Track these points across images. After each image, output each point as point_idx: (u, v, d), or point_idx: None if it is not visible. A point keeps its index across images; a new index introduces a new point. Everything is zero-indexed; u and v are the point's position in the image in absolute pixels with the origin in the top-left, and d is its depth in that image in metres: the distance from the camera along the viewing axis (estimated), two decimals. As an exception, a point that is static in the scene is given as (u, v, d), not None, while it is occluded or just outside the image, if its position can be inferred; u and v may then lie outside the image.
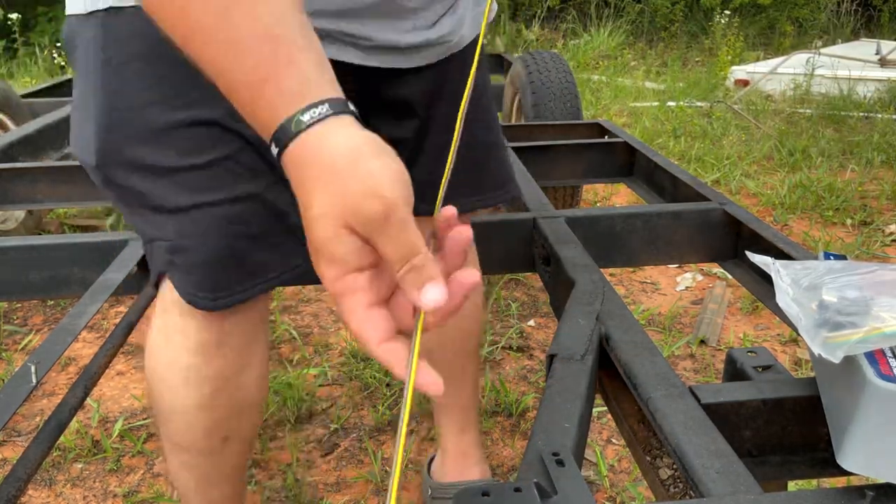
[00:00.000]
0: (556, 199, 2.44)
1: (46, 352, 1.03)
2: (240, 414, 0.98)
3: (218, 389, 0.93)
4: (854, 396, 0.62)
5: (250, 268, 0.85)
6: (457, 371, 1.28)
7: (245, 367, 0.94)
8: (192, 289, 0.85)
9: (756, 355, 0.85)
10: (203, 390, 0.93)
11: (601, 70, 6.24)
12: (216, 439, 0.98)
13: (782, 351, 2.00)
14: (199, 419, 0.95)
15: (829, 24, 7.89)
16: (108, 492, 1.53)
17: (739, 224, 1.32)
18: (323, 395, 1.84)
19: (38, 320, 2.25)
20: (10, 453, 1.64)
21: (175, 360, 0.92)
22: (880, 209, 3.00)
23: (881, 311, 0.64)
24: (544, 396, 0.75)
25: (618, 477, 1.54)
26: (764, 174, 3.48)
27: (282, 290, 2.39)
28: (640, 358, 0.81)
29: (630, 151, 1.89)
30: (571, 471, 0.62)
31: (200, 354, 0.91)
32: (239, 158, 0.81)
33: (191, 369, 0.92)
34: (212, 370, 0.92)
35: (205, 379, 0.92)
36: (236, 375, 0.94)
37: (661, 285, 2.43)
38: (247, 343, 0.93)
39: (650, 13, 7.91)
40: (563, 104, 2.49)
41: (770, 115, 4.49)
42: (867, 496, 0.60)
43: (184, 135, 0.79)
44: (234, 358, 0.92)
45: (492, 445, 1.64)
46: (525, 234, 1.32)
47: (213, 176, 0.81)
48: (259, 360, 0.97)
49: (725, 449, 0.66)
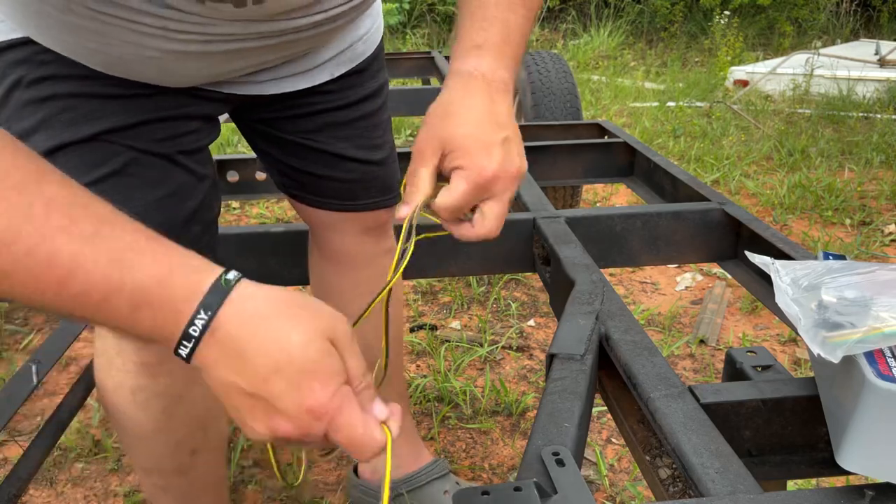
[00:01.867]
0: (556, 199, 2.45)
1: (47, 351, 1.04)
2: (203, 426, 0.96)
3: (171, 407, 0.90)
4: (853, 396, 0.62)
5: None
6: (392, 359, 1.29)
7: (196, 380, 0.91)
8: None
9: (756, 355, 0.85)
10: (155, 410, 0.90)
11: (601, 70, 6.24)
12: (183, 456, 0.96)
13: (782, 351, 2.00)
14: (160, 441, 0.93)
15: (828, 24, 7.89)
16: (109, 491, 1.53)
17: (739, 224, 1.32)
18: (323, 394, 1.84)
19: (40, 320, 2.25)
20: (11, 453, 1.65)
21: (121, 384, 0.90)
22: (879, 209, 3.00)
23: (880, 311, 0.64)
24: (544, 396, 0.75)
25: (617, 476, 1.54)
26: (763, 174, 3.48)
27: (282, 290, 2.39)
28: (639, 358, 0.81)
29: (630, 151, 1.89)
30: (571, 470, 0.62)
31: (144, 374, 0.88)
32: (130, 172, 0.79)
33: (138, 391, 0.89)
34: (160, 387, 0.89)
35: (155, 397, 0.89)
36: (188, 390, 0.91)
37: (660, 285, 2.44)
38: None
39: (650, 13, 7.92)
40: (563, 104, 2.49)
41: (769, 116, 4.49)
42: (867, 496, 0.60)
43: (68, 155, 0.77)
44: (182, 373, 0.89)
45: (492, 445, 1.64)
46: (525, 234, 1.32)
47: (104, 194, 0.77)
48: None
49: (725, 449, 0.66)
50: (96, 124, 0.77)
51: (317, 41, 0.88)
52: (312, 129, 1.01)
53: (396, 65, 3.62)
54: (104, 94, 0.77)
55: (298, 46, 0.86)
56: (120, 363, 0.89)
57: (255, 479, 1.55)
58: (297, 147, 1.03)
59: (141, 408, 0.90)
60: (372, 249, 1.17)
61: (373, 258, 1.17)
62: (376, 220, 1.13)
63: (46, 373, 1.00)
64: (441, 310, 2.28)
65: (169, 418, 0.91)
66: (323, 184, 1.06)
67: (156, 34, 0.72)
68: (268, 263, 1.33)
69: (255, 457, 1.61)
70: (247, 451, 1.63)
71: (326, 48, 0.96)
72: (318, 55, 0.95)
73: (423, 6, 7.67)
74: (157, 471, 0.98)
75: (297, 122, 1.01)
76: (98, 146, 0.78)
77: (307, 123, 1.01)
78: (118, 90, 0.78)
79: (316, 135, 1.02)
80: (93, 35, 0.73)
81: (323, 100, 1.00)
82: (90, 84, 0.76)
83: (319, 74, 0.97)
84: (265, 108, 0.98)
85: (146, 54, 0.74)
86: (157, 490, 1.01)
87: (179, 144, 0.83)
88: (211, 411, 0.97)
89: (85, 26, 0.72)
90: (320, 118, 1.01)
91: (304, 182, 1.08)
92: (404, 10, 7.49)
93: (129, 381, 0.89)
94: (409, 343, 2.05)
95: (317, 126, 1.01)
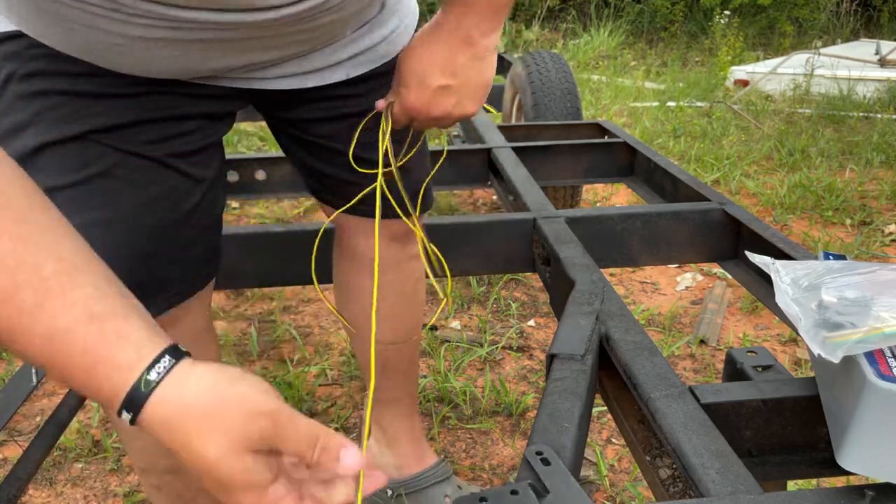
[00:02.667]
0: (556, 199, 2.44)
1: (47, 352, 1.04)
2: None
3: None
4: (854, 396, 0.62)
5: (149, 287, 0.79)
6: (405, 361, 1.31)
7: None
8: None
9: (756, 355, 0.85)
10: None
11: (601, 70, 6.24)
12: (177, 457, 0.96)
13: (782, 351, 2.00)
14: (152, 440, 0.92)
15: (828, 24, 7.89)
16: (109, 491, 1.53)
17: (739, 224, 1.32)
18: (323, 394, 1.84)
19: (39, 320, 2.25)
20: (11, 453, 1.65)
21: None
22: (880, 209, 3.00)
23: (881, 311, 0.64)
24: (544, 396, 0.75)
25: (618, 477, 1.54)
26: (764, 174, 3.48)
27: (282, 290, 2.39)
28: (639, 358, 0.81)
29: (630, 151, 1.89)
30: (557, 468, 0.62)
31: None
32: (116, 174, 0.78)
33: None
34: None
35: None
36: None
37: (660, 285, 2.43)
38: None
39: (650, 13, 7.92)
40: (563, 104, 2.49)
41: (770, 116, 4.49)
42: (867, 496, 0.60)
43: (55, 153, 0.76)
44: None
45: (492, 445, 1.64)
46: (525, 234, 1.32)
47: (90, 194, 0.77)
48: None
49: (725, 449, 0.66)
50: (84, 123, 0.76)
51: (315, 38, 0.86)
52: (336, 133, 0.99)
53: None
54: (95, 92, 0.76)
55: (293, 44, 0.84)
56: None
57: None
58: (322, 150, 1.02)
59: None
60: (397, 255, 1.17)
61: (398, 263, 1.18)
62: (404, 227, 1.12)
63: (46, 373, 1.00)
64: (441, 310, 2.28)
65: None
66: (349, 189, 1.04)
67: (110, 16, 0.70)
68: (268, 263, 1.33)
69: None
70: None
71: (338, 47, 0.93)
72: (331, 53, 0.93)
73: (423, 6, 7.67)
74: (152, 470, 0.98)
75: (322, 125, 0.99)
76: (85, 145, 0.77)
77: (330, 127, 0.99)
78: (110, 89, 0.76)
79: (339, 138, 0.99)
80: (52, 18, 0.71)
81: (345, 104, 0.97)
82: (81, 81, 0.75)
83: (333, 74, 0.95)
84: (288, 108, 0.96)
85: (111, 41, 0.72)
86: (152, 489, 1.01)
87: (172, 146, 0.82)
88: None
89: (45, 8, 0.71)
90: (344, 122, 0.98)
91: (330, 187, 1.07)
92: (404, 10, 7.49)
93: None
94: (409, 343, 2.05)
95: (340, 130, 0.99)
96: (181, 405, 0.52)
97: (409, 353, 1.31)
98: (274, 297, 2.35)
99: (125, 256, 0.77)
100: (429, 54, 0.88)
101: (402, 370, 1.31)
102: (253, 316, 2.25)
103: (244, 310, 2.29)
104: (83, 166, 0.77)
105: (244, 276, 1.31)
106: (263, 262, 1.32)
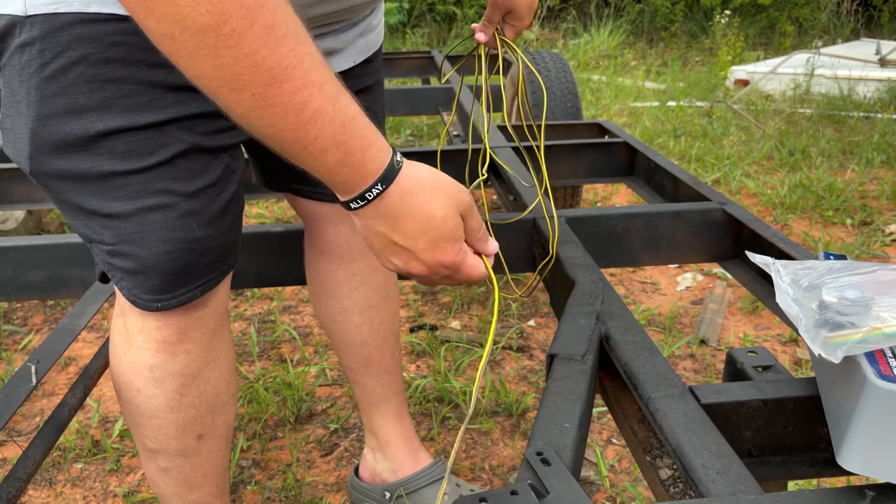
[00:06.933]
0: (557, 198, 2.44)
1: (46, 352, 1.04)
2: (212, 411, 0.98)
3: (184, 386, 0.93)
4: (854, 396, 0.62)
5: (198, 269, 0.87)
6: (388, 357, 1.31)
7: (210, 362, 0.95)
8: (136, 291, 0.86)
9: (756, 355, 0.85)
10: (169, 388, 0.93)
11: (601, 70, 6.24)
12: (190, 439, 0.98)
13: (782, 351, 2.00)
14: (170, 420, 0.95)
15: (829, 23, 7.89)
16: (108, 492, 1.53)
17: (740, 224, 1.32)
18: (323, 395, 1.84)
19: (38, 320, 2.25)
20: (11, 453, 1.65)
21: (138, 361, 0.92)
22: (880, 209, 3.00)
23: (881, 311, 0.64)
24: (544, 396, 0.75)
25: (618, 477, 1.54)
26: (764, 174, 3.48)
27: (281, 290, 2.39)
28: (640, 358, 0.81)
29: (630, 151, 1.89)
30: (557, 468, 0.62)
31: (163, 352, 0.91)
32: (177, 163, 0.81)
33: (155, 368, 0.92)
34: (177, 366, 0.92)
35: (170, 376, 0.92)
36: (202, 370, 0.94)
37: (661, 285, 2.43)
38: (210, 337, 0.94)
39: (650, 13, 7.92)
40: (564, 104, 2.49)
41: (770, 115, 4.49)
42: (867, 496, 0.60)
43: (122, 140, 0.79)
44: (199, 353, 0.93)
45: (492, 445, 1.64)
46: (525, 234, 1.32)
47: (150, 181, 0.81)
48: (224, 353, 0.98)
49: (725, 449, 0.66)
50: (154, 114, 0.79)
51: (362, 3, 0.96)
52: None
53: (396, 64, 3.62)
54: (168, 83, 0.79)
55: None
56: (140, 341, 0.91)
57: (254, 479, 1.55)
58: None
59: (156, 385, 0.93)
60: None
61: (366, 249, 1.18)
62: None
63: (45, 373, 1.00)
64: (441, 310, 2.28)
65: (181, 397, 0.94)
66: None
67: None
68: (267, 263, 1.33)
69: (254, 457, 1.61)
70: (246, 451, 1.63)
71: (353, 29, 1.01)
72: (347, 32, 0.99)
73: (424, 6, 7.67)
74: (163, 451, 0.99)
75: None
76: (152, 135, 0.80)
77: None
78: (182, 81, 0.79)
79: None
80: None
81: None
82: (157, 72, 0.78)
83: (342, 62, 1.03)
84: None
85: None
86: (159, 472, 1.02)
87: (221, 139, 0.86)
88: (221, 396, 0.99)
89: None
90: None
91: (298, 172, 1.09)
92: (404, 9, 7.50)
93: (148, 359, 0.92)
94: (409, 343, 2.05)
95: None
96: (418, 179, 0.71)
97: (391, 349, 1.32)
98: (274, 298, 2.35)
99: (180, 240, 0.83)
100: None
101: (386, 366, 1.31)
102: (252, 316, 2.25)
103: (244, 310, 2.29)
104: (148, 154, 0.80)
105: (244, 276, 1.31)
106: (263, 262, 1.32)
